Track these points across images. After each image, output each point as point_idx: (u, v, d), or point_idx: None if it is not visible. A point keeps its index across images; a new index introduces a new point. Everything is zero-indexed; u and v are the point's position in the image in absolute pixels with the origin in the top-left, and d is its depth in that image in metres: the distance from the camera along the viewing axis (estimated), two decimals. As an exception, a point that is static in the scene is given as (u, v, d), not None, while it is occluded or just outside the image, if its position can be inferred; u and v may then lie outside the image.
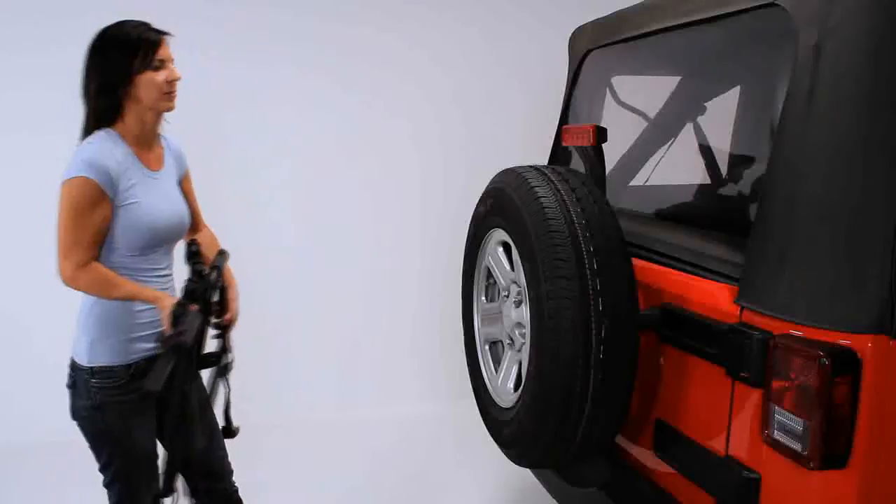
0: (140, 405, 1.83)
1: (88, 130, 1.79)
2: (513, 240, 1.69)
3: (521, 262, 1.64)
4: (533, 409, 1.59)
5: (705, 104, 2.38)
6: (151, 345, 1.82)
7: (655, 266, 1.75)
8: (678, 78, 2.41)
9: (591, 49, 2.37)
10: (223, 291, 1.88)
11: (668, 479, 1.70)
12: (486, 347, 2.00)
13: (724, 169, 2.33)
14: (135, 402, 1.81)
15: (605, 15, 2.30)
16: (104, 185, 1.70)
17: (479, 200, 1.93)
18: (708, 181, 2.36)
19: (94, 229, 1.72)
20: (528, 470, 2.27)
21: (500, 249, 1.85)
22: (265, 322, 2.24)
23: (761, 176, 1.44)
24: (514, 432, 1.71)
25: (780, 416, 1.29)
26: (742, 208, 1.95)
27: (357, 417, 3.69)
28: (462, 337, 2.11)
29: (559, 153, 2.48)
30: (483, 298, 2.03)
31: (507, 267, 1.81)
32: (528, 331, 1.63)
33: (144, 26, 1.78)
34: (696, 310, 1.55)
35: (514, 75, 3.85)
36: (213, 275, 1.80)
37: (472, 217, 1.99)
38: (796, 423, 1.25)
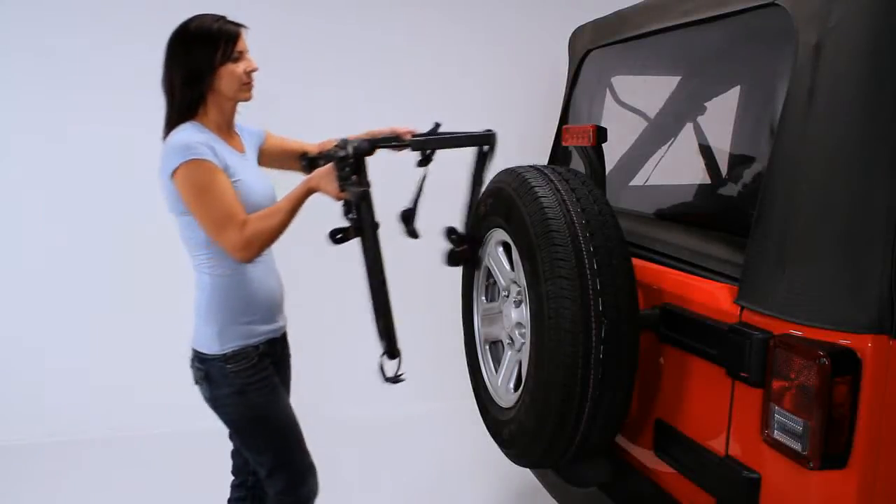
0: (271, 380, 1.89)
1: (171, 124, 1.81)
2: (513, 240, 1.69)
3: (521, 261, 1.63)
4: (533, 409, 1.59)
5: (705, 104, 2.37)
6: (269, 326, 1.93)
7: (655, 266, 1.75)
8: (678, 78, 2.41)
9: (591, 49, 2.37)
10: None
11: (668, 479, 1.70)
12: (486, 347, 2.00)
13: (724, 169, 2.33)
14: (266, 378, 1.88)
15: (605, 15, 2.30)
16: (210, 159, 1.72)
17: (479, 200, 1.93)
18: (708, 181, 2.36)
19: (228, 193, 1.74)
20: (528, 470, 2.27)
21: (500, 249, 1.85)
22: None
23: (761, 176, 1.43)
24: (513, 432, 1.71)
25: (780, 416, 1.29)
26: (742, 208, 1.94)
27: (356, 417, 3.68)
28: (462, 337, 2.11)
29: (559, 153, 2.48)
30: (483, 298, 2.03)
31: (507, 267, 1.81)
32: (528, 331, 1.63)
33: (223, 19, 1.81)
34: (696, 310, 1.55)
35: (515, 75, 3.84)
36: (349, 146, 1.89)
37: (472, 217, 1.99)
38: (796, 423, 1.25)
